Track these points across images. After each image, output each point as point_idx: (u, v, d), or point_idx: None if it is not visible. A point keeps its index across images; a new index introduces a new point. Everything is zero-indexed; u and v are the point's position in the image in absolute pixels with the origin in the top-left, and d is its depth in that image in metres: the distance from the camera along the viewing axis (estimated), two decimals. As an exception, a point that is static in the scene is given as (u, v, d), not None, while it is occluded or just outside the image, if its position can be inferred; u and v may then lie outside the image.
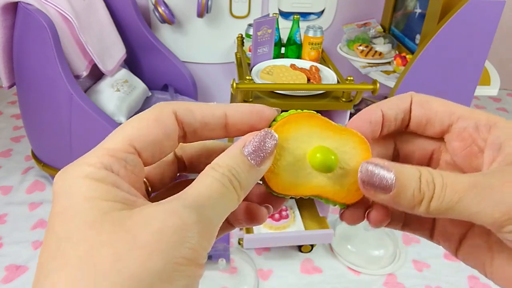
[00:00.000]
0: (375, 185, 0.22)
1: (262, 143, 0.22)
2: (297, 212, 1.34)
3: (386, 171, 0.22)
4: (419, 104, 0.26)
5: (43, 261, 0.17)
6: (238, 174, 0.21)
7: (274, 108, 0.25)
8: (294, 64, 1.24)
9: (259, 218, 0.25)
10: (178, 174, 0.27)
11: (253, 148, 0.21)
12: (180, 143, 0.23)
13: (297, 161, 0.23)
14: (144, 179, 0.25)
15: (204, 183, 0.20)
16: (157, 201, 0.19)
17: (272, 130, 0.22)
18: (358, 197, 0.24)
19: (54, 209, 0.18)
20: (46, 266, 0.17)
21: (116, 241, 0.17)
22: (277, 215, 1.26)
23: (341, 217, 0.26)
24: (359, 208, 0.25)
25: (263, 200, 0.26)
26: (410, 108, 0.26)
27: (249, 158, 0.21)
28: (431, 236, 0.28)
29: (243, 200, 0.22)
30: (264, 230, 1.25)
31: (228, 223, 0.26)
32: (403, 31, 1.62)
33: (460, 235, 0.26)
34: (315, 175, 0.23)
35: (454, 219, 0.22)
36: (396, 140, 0.28)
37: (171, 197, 0.19)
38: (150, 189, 0.25)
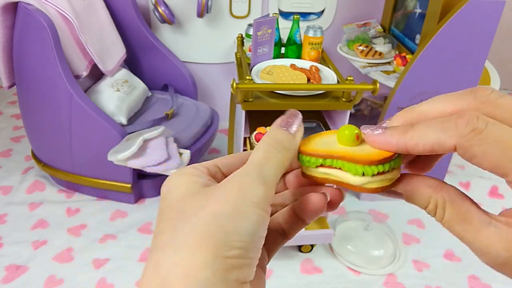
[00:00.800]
0: (370, 130, 0.26)
1: (290, 118, 0.28)
2: (297, 212, 1.33)
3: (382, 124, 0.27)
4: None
5: (164, 238, 0.22)
6: (277, 137, 0.26)
7: None
8: (294, 64, 1.24)
9: (314, 203, 0.28)
10: None
11: (284, 122, 0.27)
12: None
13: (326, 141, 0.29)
14: None
15: (255, 152, 0.26)
16: None
17: (296, 110, 0.28)
18: (375, 157, 0.25)
19: (166, 201, 0.24)
20: (170, 234, 0.22)
21: (210, 199, 0.23)
22: (277, 215, 1.26)
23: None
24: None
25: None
26: None
27: (284, 128, 0.27)
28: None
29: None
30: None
31: (283, 233, 0.30)
32: (403, 31, 1.62)
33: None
34: (341, 146, 0.28)
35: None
36: None
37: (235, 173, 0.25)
38: None
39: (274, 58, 1.30)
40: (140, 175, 1.47)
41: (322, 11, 1.80)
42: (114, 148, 1.29)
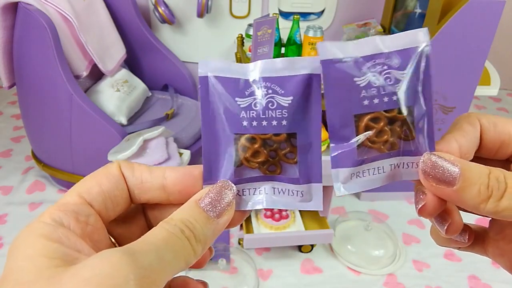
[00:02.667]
0: (437, 177, 0.21)
1: (219, 195, 0.21)
2: (297, 212, 1.34)
3: (451, 165, 0.21)
4: (490, 129, 0.24)
5: None
6: (192, 225, 0.20)
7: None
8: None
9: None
10: None
11: (209, 200, 0.21)
12: None
13: None
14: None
15: (152, 233, 0.19)
16: None
17: (229, 181, 0.22)
18: None
19: (5, 276, 0.18)
20: None
21: None
22: (277, 215, 1.26)
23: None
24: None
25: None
26: (481, 133, 0.24)
27: (205, 210, 0.21)
28: (485, 252, 0.27)
29: None
30: (264, 230, 1.25)
31: None
32: (403, 31, 1.61)
33: None
34: None
35: (508, 236, 0.22)
36: None
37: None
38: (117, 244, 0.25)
39: (274, 58, 1.29)
40: (140, 175, 1.46)
41: (322, 11, 1.80)
42: (114, 148, 1.29)
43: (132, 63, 1.69)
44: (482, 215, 0.22)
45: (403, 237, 1.43)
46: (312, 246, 1.34)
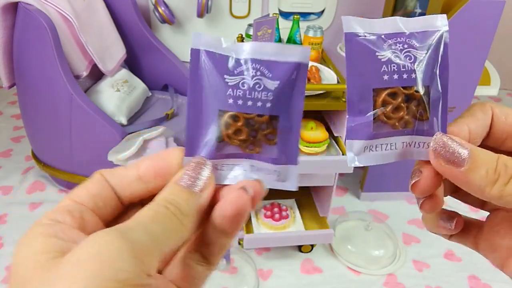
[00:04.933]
0: (446, 157, 0.22)
1: (196, 171, 0.22)
2: (297, 212, 1.34)
3: (461, 147, 0.22)
4: (501, 119, 0.25)
5: None
6: (175, 201, 0.21)
7: (180, 148, 0.24)
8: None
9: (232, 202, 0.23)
10: None
11: (187, 177, 0.22)
12: None
13: None
14: None
15: (138, 213, 0.20)
16: None
17: (203, 157, 0.23)
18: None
19: (13, 269, 0.20)
20: None
21: (43, 283, 0.17)
22: (277, 215, 1.26)
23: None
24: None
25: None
26: (491, 122, 0.25)
27: (186, 186, 0.21)
28: (475, 246, 0.27)
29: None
30: (264, 230, 1.25)
31: (204, 259, 0.24)
32: (403, 31, 1.61)
33: (509, 247, 0.25)
34: None
35: (502, 231, 0.22)
36: None
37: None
38: None
39: (274, 58, 1.29)
40: (140, 175, 1.46)
41: (322, 11, 1.80)
42: (114, 148, 1.29)
43: (132, 63, 1.69)
44: (486, 200, 0.22)
45: (403, 237, 1.43)
46: (312, 246, 1.34)
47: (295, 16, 1.29)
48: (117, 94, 1.46)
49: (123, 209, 0.24)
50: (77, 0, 1.35)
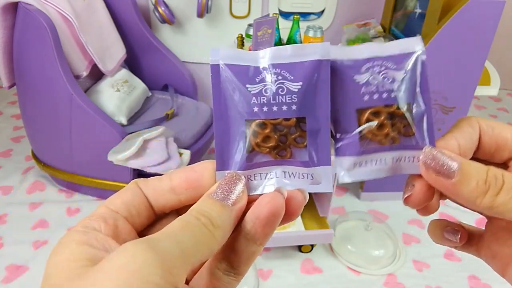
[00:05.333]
0: (436, 168, 0.22)
1: (230, 186, 0.22)
2: (297, 212, 1.33)
3: (450, 159, 0.22)
4: (488, 132, 0.25)
5: None
6: (207, 213, 0.21)
7: (212, 161, 0.24)
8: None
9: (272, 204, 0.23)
10: None
11: (221, 191, 0.22)
12: None
13: None
14: None
15: (170, 224, 0.20)
16: None
17: (237, 172, 0.23)
18: None
19: (45, 279, 0.20)
20: None
21: None
22: (277, 215, 1.26)
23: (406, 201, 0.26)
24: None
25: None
26: (480, 135, 0.25)
27: (218, 200, 0.22)
28: (478, 253, 0.28)
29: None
30: (264, 230, 1.25)
31: (232, 268, 0.23)
32: (403, 31, 1.61)
33: (508, 254, 0.26)
34: None
35: (501, 239, 0.23)
36: None
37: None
38: None
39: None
40: (140, 175, 1.46)
41: (322, 11, 1.80)
42: (114, 148, 1.29)
43: (132, 63, 1.69)
44: (477, 211, 0.23)
45: (403, 237, 1.43)
46: (312, 246, 1.34)
47: (295, 16, 1.29)
48: (117, 94, 1.46)
49: (155, 219, 0.25)
50: (77, 0, 1.35)
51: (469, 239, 0.28)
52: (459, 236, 0.27)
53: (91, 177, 1.46)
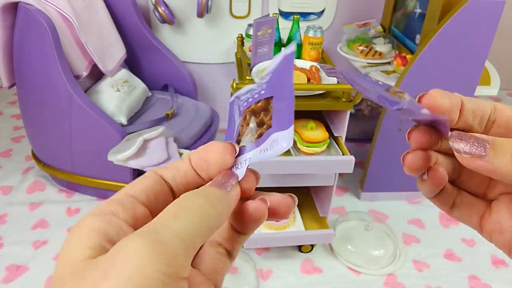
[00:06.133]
0: (468, 151, 0.22)
1: (224, 179, 0.23)
2: (297, 212, 1.34)
3: (479, 139, 0.22)
4: (468, 101, 0.25)
5: None
6: (206, 191, 0.22)
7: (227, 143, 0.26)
8: (294, 64, 1.24)
9: (260, 213, 0.24)
10: None
11: (217, 182, 0.23)
12: None
13: None
14: None
15: (166, 210, 0.20)
16: None
17: (231, 171, 0.25)
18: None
19: (58, 266, 0.19)
20: None
21: (105, 276, 0.17)
22: (277, 215, 1.26)
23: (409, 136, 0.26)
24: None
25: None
26: (490, 116, 0.25)
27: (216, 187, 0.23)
28: (480, 227, 0.27)
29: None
30: (264, 230, 1.25)
31: (235, 231, 0.26)
32: (403, 31, 1.61)
33: None
34: None
35: None
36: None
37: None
38: None
39: (274, 58, 1.29)
40: (140, 175, 1.46)
41: (322, 11, 1.80)
42: (114, 148, 1.29)
43: (132, 63, 1.69)
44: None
45: (403, 237, 1.43)
46: (312, 246, 1.34)
47: (295, 16, 1.29)
48: (117, 94, 1.46)
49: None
50: (77, 0, 1.35)
51: (472, 206, 0.27)
52: (426, 171, 0.26)
53: (91, 177, 1.46)
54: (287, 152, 1.18)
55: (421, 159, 0.26)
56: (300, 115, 1.16)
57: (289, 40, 1.32)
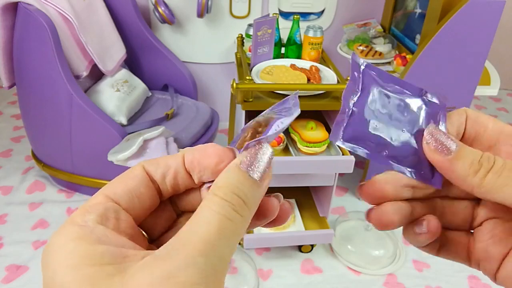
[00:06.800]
0: (437, 146, 0.24)
1: (257, 155, 0.21)
2: (297, 212, 1.34)
3: (452, 140, 0.24)
4: (471, 119, 0.26)
5: None
6: (241, 192, 0.19)
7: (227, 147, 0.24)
8: (294, 64, 1.24)
9: (271, 211, 0.23)
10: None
11: (249, 161, 0.20)
12: None
13: None
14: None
15: (204, 221, 0.18)
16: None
17: (265, 142, 0.21)
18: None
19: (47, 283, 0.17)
20: None
21: None
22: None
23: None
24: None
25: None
26: (465, 125, 0.26)
27: (248, 172, 0.20)
28: (468, 259, 0.28)
29: None
30: (264, 230, 1.25)
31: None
32: (403, 31, 1.62)
33: (502, 254, 0.26)
34: None
35: (496, 235, 0.24)
36: None
37: (166, 248, 0.18)
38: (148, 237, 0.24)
39: (274, 58, 1.30)
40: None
41: (322, 11, 1.80)
42: (114, 148, 1.29)
43: (132, 63, 1.69)
44: (467, 190, 0.24)
45: (403, 237, 1.42)
46: (312, 246, 1.34)
47: (295, 16, 1.29)
48: (117, 94, 1.46)
49: (157, 204, 0.24)
50: (77, 0, 1.35)
51: (456, 242, 0.28)
52: (424, 224, 0.28)
53: (91, 177, 1.46)
54: (287, 152, 1.18)
55: (398, 214, 0.28)
56: (300, 115, 1.16)
57: (289, 40, 1.32)
